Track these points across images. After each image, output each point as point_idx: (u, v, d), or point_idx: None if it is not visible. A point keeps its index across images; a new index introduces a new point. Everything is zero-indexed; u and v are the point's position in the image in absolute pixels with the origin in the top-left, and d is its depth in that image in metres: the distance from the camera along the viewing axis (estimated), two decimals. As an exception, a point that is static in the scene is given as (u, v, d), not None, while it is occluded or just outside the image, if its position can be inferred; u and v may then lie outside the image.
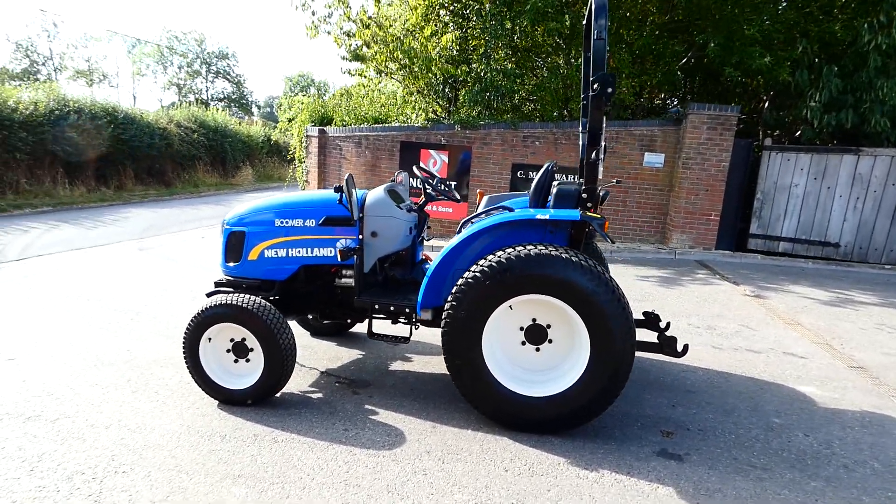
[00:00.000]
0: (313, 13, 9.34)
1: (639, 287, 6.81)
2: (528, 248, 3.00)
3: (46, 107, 16.22)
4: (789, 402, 3.70)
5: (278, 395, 3.57)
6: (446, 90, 10.13)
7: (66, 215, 13.28)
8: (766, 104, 9.43)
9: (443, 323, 3.14)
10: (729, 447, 3.10)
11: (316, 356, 4.31)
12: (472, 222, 3.65)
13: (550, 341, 3.19)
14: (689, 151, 8.57)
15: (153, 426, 3.15)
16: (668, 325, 3.98)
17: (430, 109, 10.04)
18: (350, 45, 9.59)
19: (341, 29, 9.42)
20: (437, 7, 9.03)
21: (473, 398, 3.19)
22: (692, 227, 8.88)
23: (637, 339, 3.79)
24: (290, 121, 12.83)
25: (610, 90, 3.04)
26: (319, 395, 3.64)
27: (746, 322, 5.49)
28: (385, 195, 3.69)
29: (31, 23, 59.04)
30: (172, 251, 8.67)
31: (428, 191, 3.88)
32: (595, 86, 3.03)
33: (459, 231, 3.39)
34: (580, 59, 9.41)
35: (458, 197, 4.13)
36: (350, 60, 9.78)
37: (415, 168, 3.93)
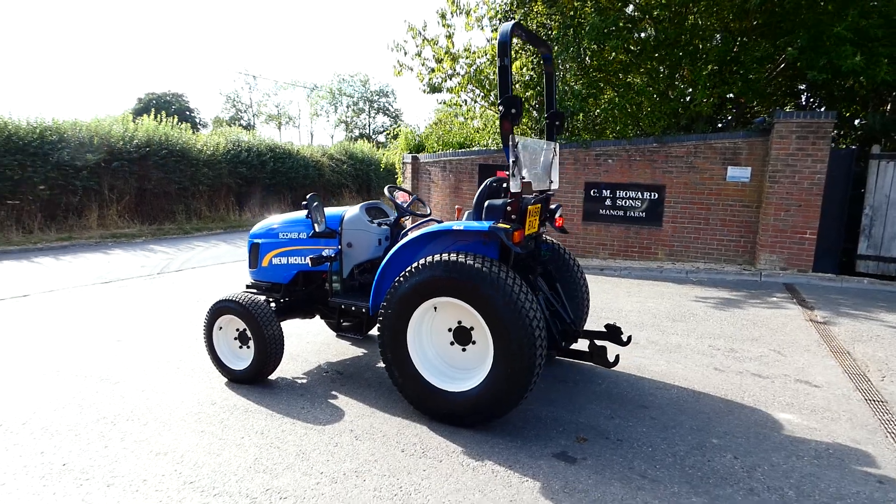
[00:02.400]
0: (405, 53, 10.42)
1: (686, 307, 6.46)
2: (444, 255, 3.37)
3: (224, 147, 19.66)
4: (747, 427, 3.48)
5: (273, 377, 4.33)
6: (533, 112, 10.45)
7: (228, 237, 15.97)
8: (872, 107, 8.17)
9: (378, 321, 3.63)
10: (633, 458, 3.11)
11: (328, 350, 5.02)
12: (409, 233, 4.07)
13: (474, 342, 3.49)
14: (776, 163, 7.80)
15: (172, 392, 4.08)
16: (629, 338, 3.99)
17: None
18: (432, 79, 10.45)
19: (423, 65, 10.36)
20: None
21: (402, 388, 3.61)
22: (783, 246, 8.00)
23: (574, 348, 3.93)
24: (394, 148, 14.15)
25: (514, 111, 3.32)
26: (304, 380, 4.32)
27: (782, 348, 5.01)
28: (360, 212, 4.31)
29: (236, 78, 71.21)
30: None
31: (400, 209, 4.40)
32: (501, 107, 3.34)
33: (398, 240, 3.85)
34: (650, 76, 9.13)
35: (429, 211, 4.59)
36: (428, 93, 10.65)
37: (385, 189, 4.49)
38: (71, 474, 2.95)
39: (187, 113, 45.31)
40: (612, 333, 4.00)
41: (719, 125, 9.16)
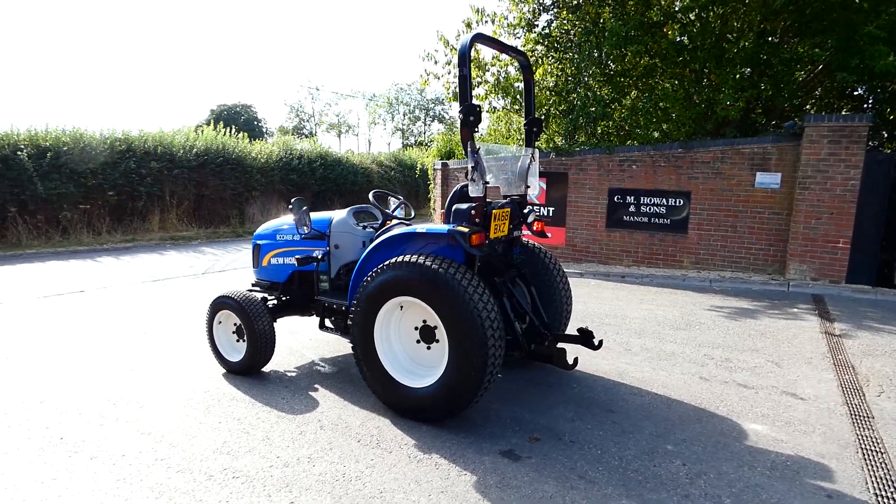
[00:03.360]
0: (436, 62, 10.67)
1: (695, 316, 6.28)
2: (407, 257, 3.54)
3: (277, 155, 20.61)
4: (709, 436, 3.42)
5: (267, 369, 4.62)
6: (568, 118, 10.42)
7: (275, 239, 16.62)
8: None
9: (349, 318, 3.83)
10: (578, 459, 3.14)
11: (325, 347, 5.29)
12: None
13: (437, 341, 3.63)
14: (806, 169, 7.43)
15: (172, 380, 4.44)
16: (600, 342, 4.00)
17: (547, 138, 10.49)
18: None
19: (451, 73, 10.56)
20: (534, 43, 9.53)
21: (370, 383, 3.79)
22: (814, 256, 7.58)
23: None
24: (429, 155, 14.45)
25: (472, 119, 3.44)
26: (294, 373, 4.59)
27: (781, 359, 4.82)
28: (348, 216, 4.55)
29: (300, 89, 74.21)
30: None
31: (384, 213, 4.60)
32: (460, 115, 3.47)
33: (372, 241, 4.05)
34: (675, 80, 8.89)
35: (413, 215, 4.77)
36: (453, 101, 10.80)
37: (370, 195, 4.70)
38: (65, 447, 3.32)
39: (255, 123, 47.62)
40: (584, 337, 4.01)
41: (754, 129, 8.79)
